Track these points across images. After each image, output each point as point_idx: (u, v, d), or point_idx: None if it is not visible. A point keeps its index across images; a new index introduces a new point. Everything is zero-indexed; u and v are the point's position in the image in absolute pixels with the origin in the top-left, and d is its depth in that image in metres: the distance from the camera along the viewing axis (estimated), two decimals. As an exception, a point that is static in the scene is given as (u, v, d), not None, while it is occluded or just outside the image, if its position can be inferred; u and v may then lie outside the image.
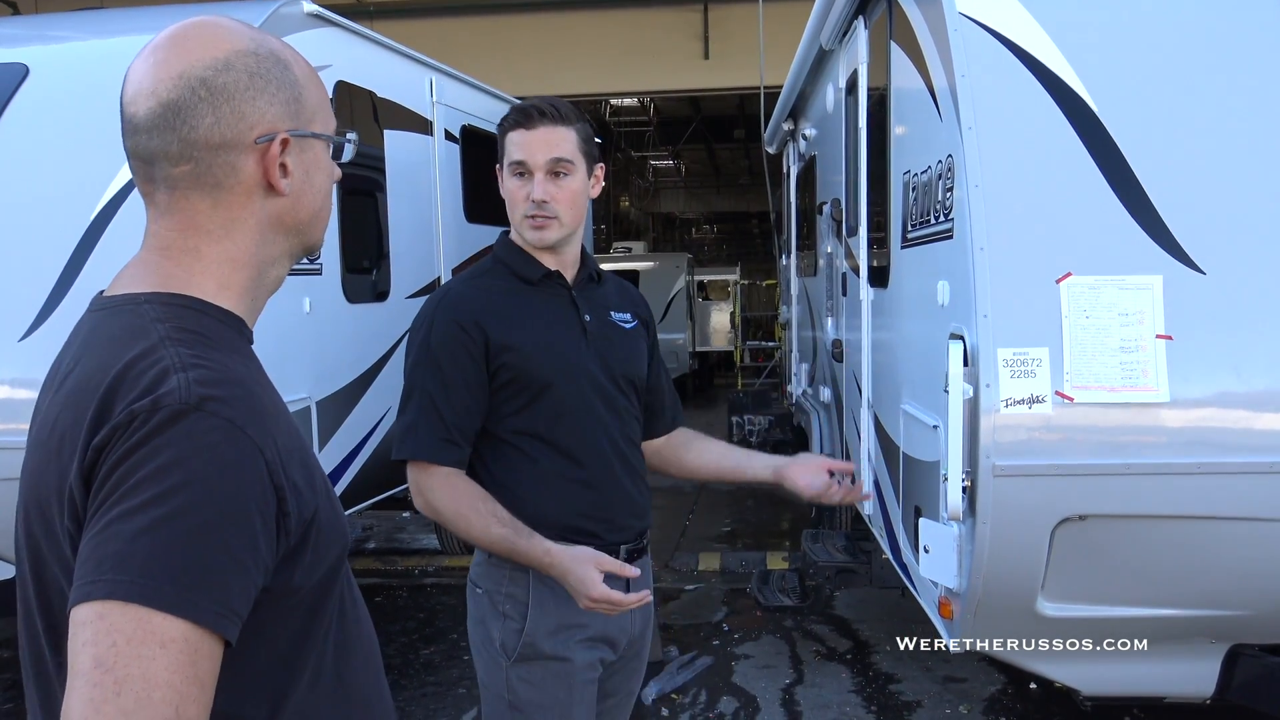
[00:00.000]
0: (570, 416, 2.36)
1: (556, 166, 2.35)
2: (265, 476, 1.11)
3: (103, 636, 1.00)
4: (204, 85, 1.20)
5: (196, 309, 1.22)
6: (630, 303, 2.59)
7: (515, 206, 2.39)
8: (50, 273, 4.05)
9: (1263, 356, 2.85)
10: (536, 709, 2.35)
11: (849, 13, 4.81)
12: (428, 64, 6.42)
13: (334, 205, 1.41)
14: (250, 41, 1.24)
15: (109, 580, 1.01)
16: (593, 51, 13.28)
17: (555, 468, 2.35)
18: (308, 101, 1.28)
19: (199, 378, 1.11)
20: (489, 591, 2.41)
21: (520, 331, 2.35)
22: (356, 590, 1.37)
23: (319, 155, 1.31)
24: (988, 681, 5.03)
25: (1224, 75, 3.08)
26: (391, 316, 5.86)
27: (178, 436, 1.06)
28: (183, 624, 1.02)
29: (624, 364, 2.46)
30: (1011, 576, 2.94)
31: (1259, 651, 3.27)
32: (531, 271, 2.42)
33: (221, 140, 1.21)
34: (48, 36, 5.12)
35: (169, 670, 1.00)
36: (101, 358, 1.16)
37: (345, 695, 1.30)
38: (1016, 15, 3.06)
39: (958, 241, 3.03)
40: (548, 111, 2.36)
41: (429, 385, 2.32)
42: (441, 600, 6.59)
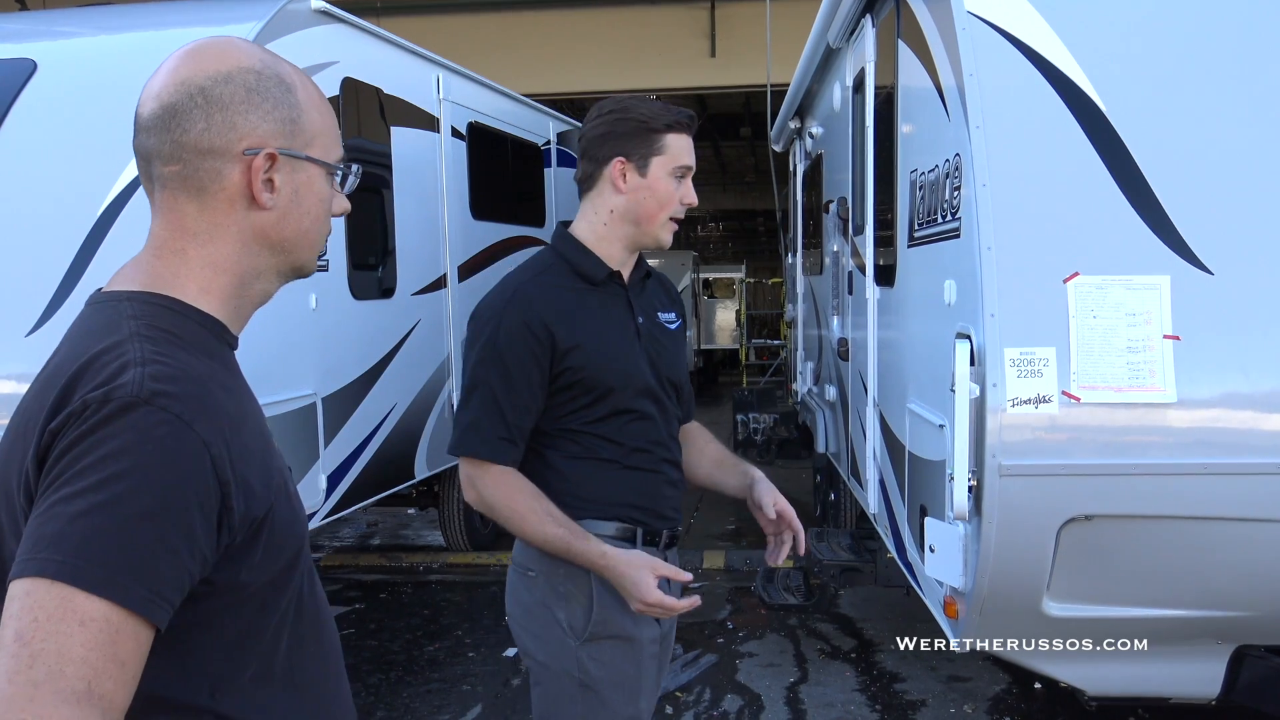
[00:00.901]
0: (626, 417, 2.40)
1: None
2: (210, 472, 1.15)
3: (26, 611, 1.05)
4: (202, 93, 1.27)
5: (174, 310, 1.28)
6: (674, 300, 2.62)
7: (665, 208, 2.39)
8: (57, 268, 4.06)
9: (1270, 357, 2.85)
10: (609, 686, 2.39)
11: (856, 11, 4.80)
12: (435, 61, 6.43)
13: (332, 230, 1.42)
14: (258, 62, 1.31)
15: (42, 559, 1.07)
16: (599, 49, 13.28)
17: (609, 457, 2.39)
18: (306, 126, 1.33)
19: (154, 373, 1.16)
20: (545, 574, 2.39)
21: (585, 335, 2.36)
22: (319, 590, 1.41)
23: (312, 178, 1.35)
24: (992, 681, 5.02)
25: (1232, 75, 3.08)
26: (397, 313, 5.87)
27: (125, 427, 1.11)
28: (105, 604, 1.06)
29: (669, 366, 2.49)
30: (1017, 576, 2.93)
31: (1265, 652, 3.26)
32: (597, 271, 2.42)
33: (210, 146, 1.27)
34: (55, 32, 5.13)
35: (85, 647, 1.05)
36: (73, 349, 1.23)
37: (296, 691, 1.33)
38: (1025, 14, 3.06)
39: (965, 241, 3.02)
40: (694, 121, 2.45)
41: (493, 383, 2.33)
42: (446, 597, 6.60)
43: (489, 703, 4.94)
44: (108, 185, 4.18)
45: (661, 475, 2.47)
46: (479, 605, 6.41)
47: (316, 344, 4.92)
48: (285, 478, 1.33)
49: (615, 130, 2.39)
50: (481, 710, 4.86)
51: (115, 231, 4.10)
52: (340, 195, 1.42)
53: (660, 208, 2.39)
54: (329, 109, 1.40)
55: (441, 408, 6.39)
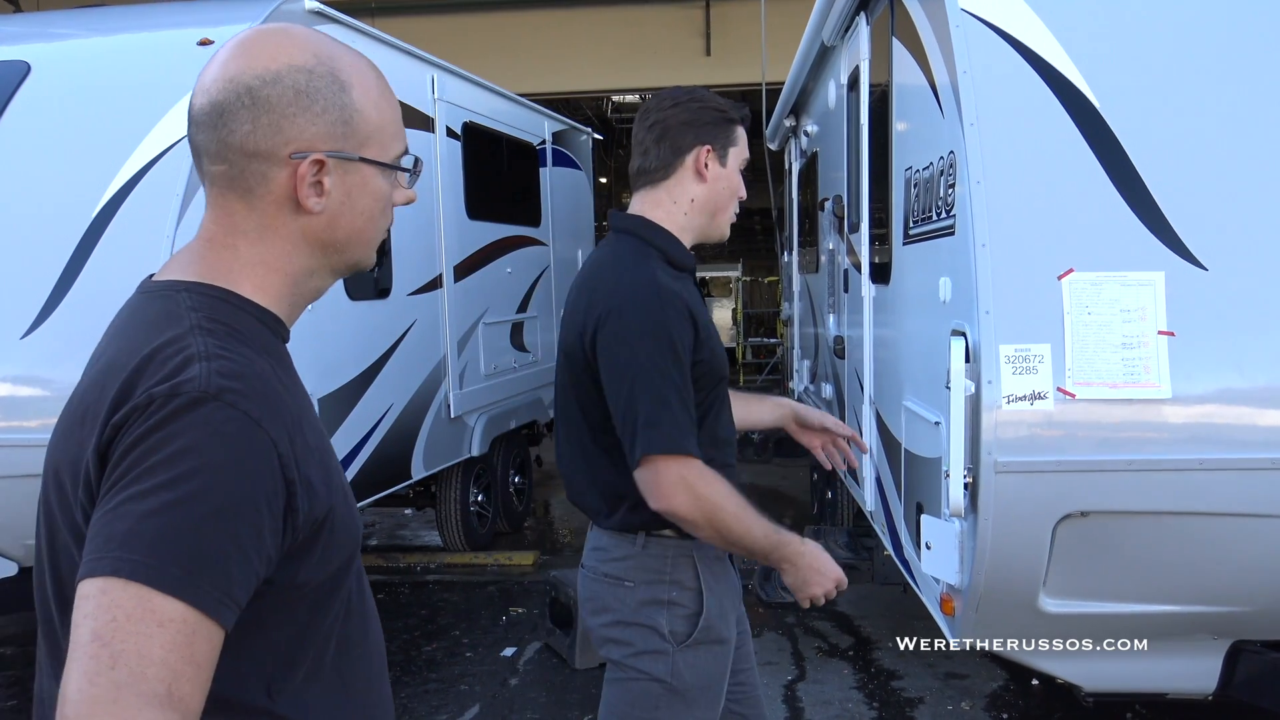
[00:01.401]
0: (722, 406, 2.44)
1: None
2: (277, 470, 1.14)
3: (103, 611, 1.03)
4: (249, 93, 1.23)
5: (233, 303, 1.26)
6: None
7: (732, 201, 2.43)
8: (52, 270, 4.06)
9: (1264, 352, 2.85)
10: (699, 690, 2.39)
11: (851, 9, 4.80)
12: (429, 61, 6.43)
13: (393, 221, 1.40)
14: (312, 58, 1.26)
15: (115, 557, 1.04)
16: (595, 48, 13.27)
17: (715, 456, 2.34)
18: (360, 126, 1.28)
19: (220, 368, 1.14)
20: (646, 584, 2.36)
21: (707, 325, 2.34)
22: (368, 591, 1.39)
23: (366, 178, 1.31)
24: (989, 678, 5.03)
25: (1226, 70, 3.08)
26: (393, 313, 5.87)
27: (193, 424, 1.09)
28: (182, 606, 1.04)
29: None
30: (1013, 573, 2.94)
31: (1261, 648, 3.27)
32: (688, 260, 2.43)
33: (255, 149, 1.24)
34: (49, 34, 5.13)
35: (165, 649, 1.03)
36: (133, 340, 1.20)
37: (345, 691, 1.32)
38: (1018, 11, 3.06)
39: (960, 238, 3.03)
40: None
41: (674, 376, 2.22)
42: (443, 597, 6.60)
43: (486, 703, 4.94)
44: (102, 187, 4.18)
45: (732, 470, 2.47)
46: (476, 605, 6.41)
47: (312, 344, 4.91)
48: (343, 477, 1.31)
49: (700, 119, 2.36)
50: (479, 710, 4.87)
51: (110, 233, 4.09)
52: (403, 188, 1.37)
53: (732, 198, 2.43)
54: (389, 102, 1.34)
55: (438, 408, 6.39)
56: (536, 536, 8.19)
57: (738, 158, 2.42)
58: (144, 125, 4.27)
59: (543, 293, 8.21)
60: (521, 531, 8.18)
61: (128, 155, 4.21)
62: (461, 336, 6.71)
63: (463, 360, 6.72)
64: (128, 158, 4.20)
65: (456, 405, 6.57)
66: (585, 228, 9.65)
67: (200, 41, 4.45)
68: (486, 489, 7.53)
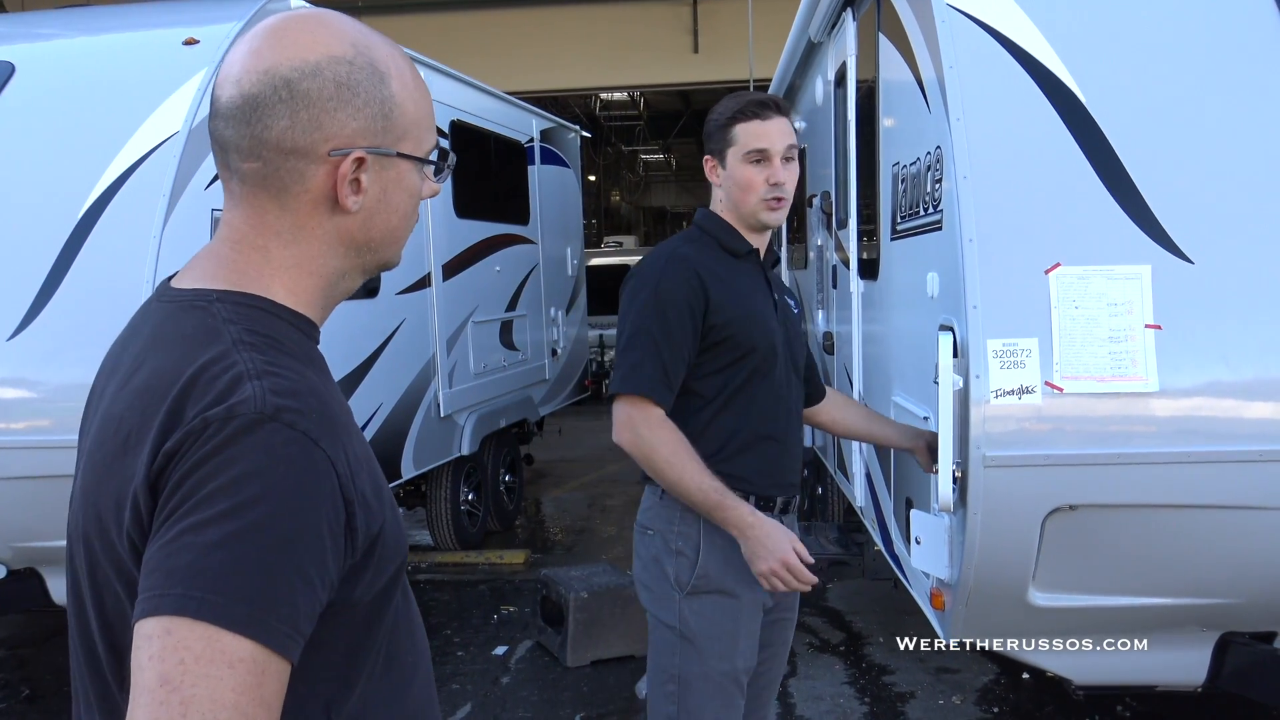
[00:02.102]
0: (764, 381, 2.59)
1: (789, 153, 2.60)
2: (337, 491, 1.08)
3: (170, 653, 0.97)
4: (287, 86, 1.15)
5: (269, 311, 1.19)
6: (790, 290, 2.90)
7: (752, 191, 2.59)
8: (38, 272, 4.04)
9: (1251, 345, 2.86)
10: (706, 639, 2.56)
11: (837, 5, 4.81)
12: (416, 59, 6.41)
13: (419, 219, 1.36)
14: (350, 48, 1.19)
15: (179, 595, 0.98)
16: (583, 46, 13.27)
17: (738, 424, 2.57)
18: (399, 119, 1.22)
19: (274, 386, 1.08)
20: (661, 532, 2.60)
21: (734, 296, 2.56)
22: (413, 601, 1.34)
23: (402, 174, 1.24)
24: (980, 672, 5.04)
25: (1212, 65, 3.09)
26: (381, 313, 5.86)
27: (253, 447, 1.03)
28: (251, 645, 0.99)
29: (798, 343, 2.75)
30: (1003, 567, 2.94)
31: (1249, 639, 3.28)
32: (739, 245, 2.65)
33: (293, 146, 1.16)
34: (34, 34, 5.10)
35: (236, 692, 0.97)
36: (173, 357, 1.13)
37: (395, 699, 1.27)
38: (1003, 7, 3.06)
39: (947, 233, 3.03)
40: (780, 104, 2.62)
41: (654, 329, 2.49)
42: (434, 596, 6.59)
43: (478, 701, 4.94)
44: (88, 188, 4.16)
45: (783, 445, 2.65)
46: (467, 604, 6.41)
47: (301, 344, 4.90)
48: (386, 484, 1.25)
49: (706, 130, 2.69)
50: (471, 709, 4.86)
51: (96, 234, 4.08)
52: (430, 181, 1.30)
53: (744, 192, 2.60)
54: (424, 94, 1.27)
55: (428, 407, 6.38)
56: (527, 535, 8.18)
57: (738, 155, 2.60)
58: (130, 125, 4.25)
59: (532, 291, 8.20)
60: (512, 530, 8.18)
61: (113, 156, 4.19)
62: (450, 335, 6.70)
63: (452, 359, 6.71)
64: (113, 158, 4.18)
65: (446, 404, 6.56)
66: (574, 226, 9.65)
67: (185, 41, 4.44)
68: (477, 488, 7.52)
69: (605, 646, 5.23)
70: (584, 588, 5.25)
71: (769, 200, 2.60)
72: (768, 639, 2.75)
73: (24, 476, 3.87)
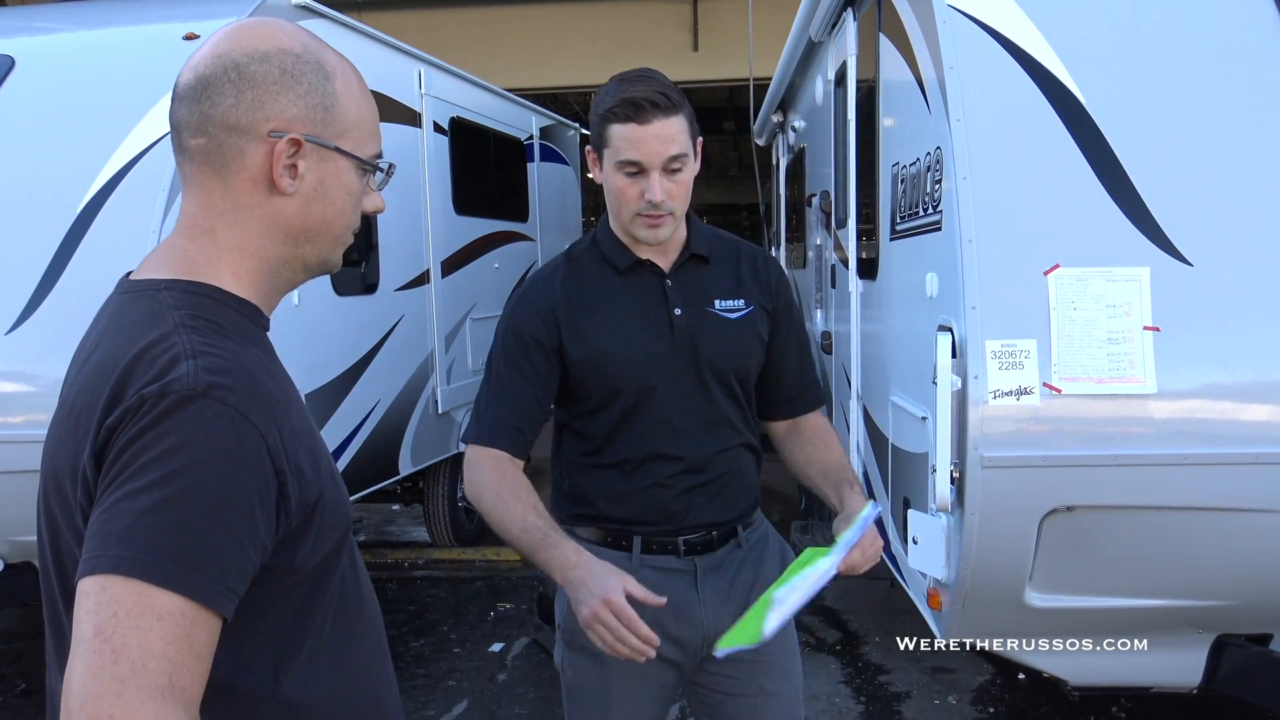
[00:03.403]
0: (646, 415, 2.24)
1: (675, 164, 2.14)
2: (267, 462, 1.17)
3: (104, 607, 1.06)
4: (236, 68, 1.26)
5: (214, 298, 1.28)
6: (746, 284, 2.34)
7: (625, 204, 2.18)
8: (37, 266, 4.04)
9: (1249, 348, 2.86)
10: (580, 692, 2.33)
11: (838, 5, 4.81)
12: (416, 56, 6.41)
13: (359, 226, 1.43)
14: (300, 45, 1.30)
15: (113, 555, 1.08)
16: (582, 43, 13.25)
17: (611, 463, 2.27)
18: (340, 115, 1.31)
19: (207, 365, 1.17)
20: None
21: (597, 331, 2.23)
22: (362, 569, 1.43)
23: (340, 170, 1.33)
24: (976, 672, 5.05)
25: (1211, 67, 3.09)
26: (380, 309, 5.85)
27: (184, 421, 1.12)
28: (180, 599, 1.08)
29: (720, 358, 2.26)
30: (999, 567, 2.95)
31: (1245, 641, 3.29)
32: (620, 259, 2.27)
33: (236, 123, 1.26)
34: (34, 28, 5.10)
35: (165, 641, 1.06)
36: (120, 342, 1.23)
37: (346, 668, 1.35)
38: (1004, 7, 3.07)
39: (946, 233, 3.03)
40: (659, 102, 2.10)
41: (500, 371, 2.25)
42: (431, 593, 6.59)
43: (474, 698, 4.94)
44: (87, 182, 4.16)
45: (675, 487, 2.26)
46: (464, 601, 6.41)
47: (299, 340, 4.90)
48: (330, 459, 1.35)
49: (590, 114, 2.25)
50: (467, 706, 4.86)
51: (95, 229, 4.07)
52: (374, 193, 1.40)
53: (618, 203, 2.20)
54: (369, 102, 1.37)
55: (426, 403, 6.38)
56: (524, 532, 8.17)
57: (610, 160, 2.17)
58: (129, 120, 4.24)
59: (530, 288, 8.18)
60: (509, 527, 8.16)
61: (113, 150, 4.19)
62: (449, 332, 6.69)
63: (450, 355, 6.71)
64: (113, 153, 4.18)
65: (444, 401, 6.56)
66: (573, 223, 9.65)
67: (186, 36, 4.43)
68: (474, 484, 7.51)
69: (601, 644, 5.22)
70: (581, 585, 5.24)
71: (645, 216, 2.17)
72: (737, 687, 2.33)
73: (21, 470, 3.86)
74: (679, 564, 2.30)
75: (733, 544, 2.36)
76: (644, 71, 2.18)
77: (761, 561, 2.41)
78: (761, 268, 2.39)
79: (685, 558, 2.30)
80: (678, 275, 2.28)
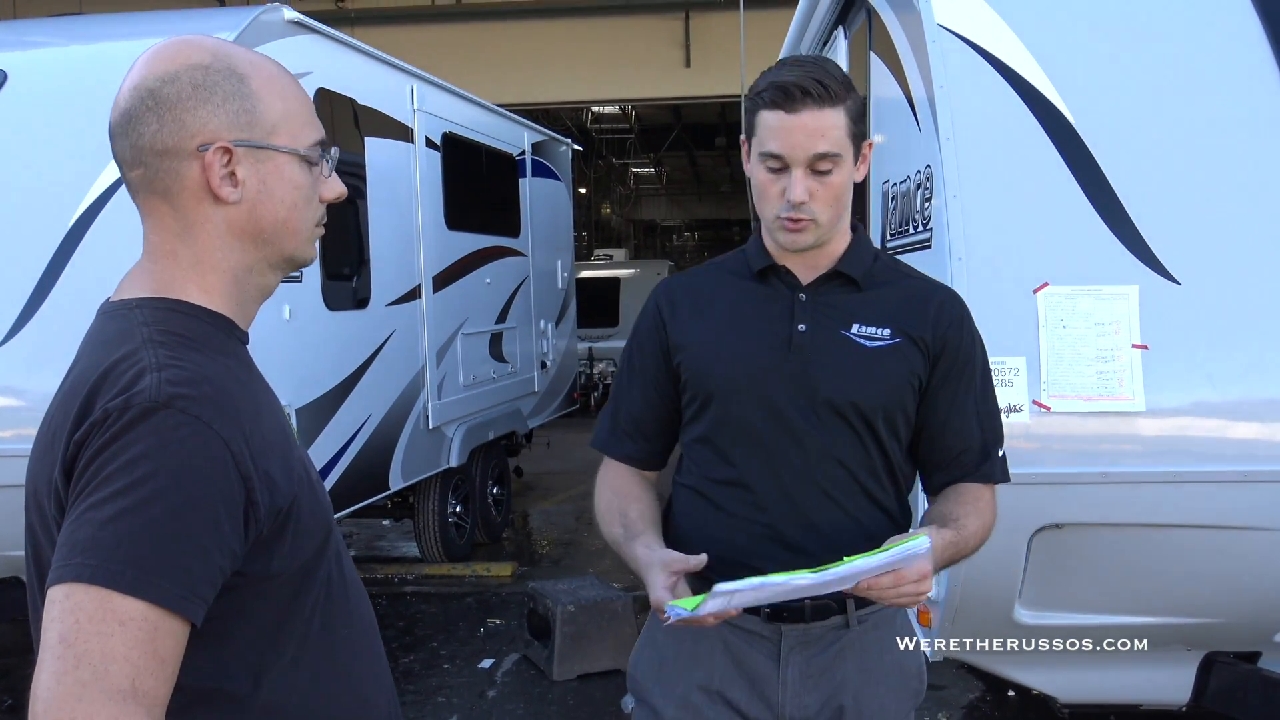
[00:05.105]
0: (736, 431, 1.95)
1: (820, 163, 1.86)
2: (232, 469, 1.18)
3: (67, 615, 1.09)
4: (151, 95, 1.28)
5: (184, 312, 1.30)
6: (900, 316, 1.97)
7: (767, 202, 1.92)
8: (28, 279, 4.04)
9: (1237, 366, 2.88)
10: None
11: (829, 23, 4.83)
12: (409, 71, 6.42)
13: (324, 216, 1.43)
14: (208, 56, 1.30)
15: (76, 564, 1.10)
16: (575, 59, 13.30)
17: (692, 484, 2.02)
18: (264, 114, 1.31)
19: (170, 377, 1.19)
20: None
21: (701, 328, 1.99)
22: (352, 576, 1.44)
23: (280, 166, 1.33)
24: (966, 689, 5.04)
25: (1199, 88, 3.11)
26: (372, 324, 5.85)
27: (146, 432, 1.15)
28: (142, 604, 1.10)
29: (839, 388, 1.91)
30: (989, 584, 2.95)
31: (1233, 659, 3.29)
32: (756, 262, 2.01)
33: (164, 147, 1.28)
34: (26, 42, 5.10)
35: (126, 646, 1.08)
36: (92, 360, 1.25)
37: (332, 674, 1.36)
38: (994, 27, 3.09)
39: (936, 251, 3.05)
40: (814, 91, 1.83)
41: (621, 371, 2.12)
42: (421, 608, 6.57)
43: (464, 714, 4.93)
44: (80, 195, 4.16)
45: (753, 525, 1.92)
46: (454, 617, 6.39)
47: (290, 355, 4.90)
48: (306, 467, 1.36)
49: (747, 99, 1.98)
50: (457, 722, 4.85)
51: (88, 241, 4.08)
52: (328, 180, 1.40)
53: (759, 200, 1.95)
54: (295, 92, 1.37)
55: (417, 419, 6.37)
56: (515, 548, 8.16)
57: (755, 151, 1.93)
58: (121, 134, 4.25)
59: (522, 303, 8.20)
60: (500, 543, 8.16)
61: (105, 165, 4.19)
62: (440, 347, 6.69)
63: (441, 371, 6.71)
64: (105, 168, 4.18)
65: (435, 416, 6.56)
66: (564, 239, 9.66)
67: (178, 51, 4.44)
68: (465, 500, 7.50)
69: (592, 660, 5.22)
70: (571, 601, 5.24)
71: (784, 219, 1.89)
72: None
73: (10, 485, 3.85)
74: (761, 627, 1.93)
75: (837, 620, 1.97)
76: (808, 57, 1.93)
77: (870, 655, 2.01)
78: (935, 304, 2.00)
79: (771, 622, 1.94)
80: (815, 291, 1.97)
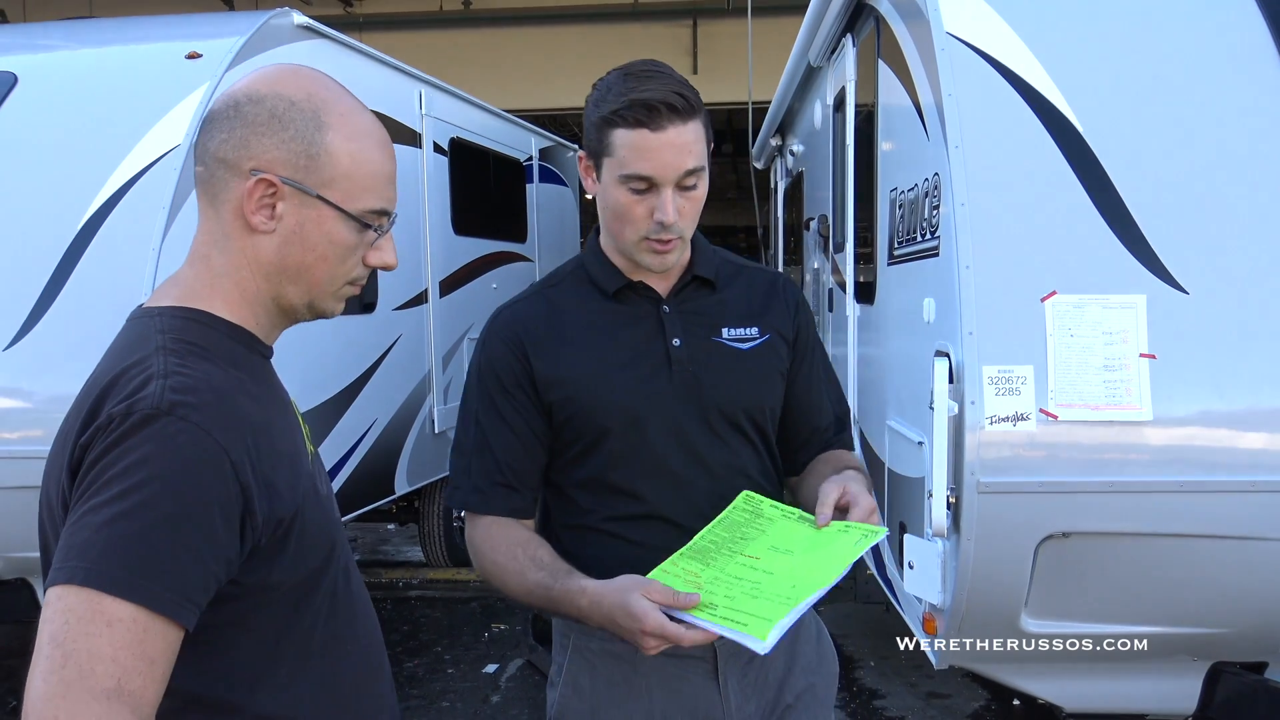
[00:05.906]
0: (630, 478, 1.86)
1: (688, 179, 1.78)
2: (230, 476, 1.21)
3: (58, 615, 1.12)
4: (235, 107, 1.33)
5: (202, 322, 1.33)
6: (760, 309, 1.96)
7: (631, 224, 1.80)
8: (36, 283, 4.04)
9: (1244, 375, 2.87)
10: None
11: (837, 30, 4.84)
12: (417, 76, 6.43)
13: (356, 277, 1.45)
14: (303, 94, 1.34)
15: (70, 566, 1.13)
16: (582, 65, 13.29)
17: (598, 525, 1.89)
18: (326, 165, 1.33)
19: (175, 385, 1.21)
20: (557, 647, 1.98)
21: (576, 362, 1.86)
22: (359, 590, 1.46)
23: (324, 217, 1.34)
24: (971, 698, 5.03)
25: (1208, 96, 3.11)
26: (378, 328, 5.86)
27: (146, 438, 1.17)
28: (131, 606, 1.12)
29: (728, 398, 1.88)
30: (995, 593, 2.95)
31: (1240, 669, 3.28)
32: (609, 281, 1.90)
33: (224, 157, 1.32)
34: (36, 45, 5.11)
35: (114, 647, 1.11)
36: (108, 364, 1.29)
37: (331, 689, 1.37)
38: (1003, 35, 3.09)
39: (944, 259, 3.05)
40: (677, 105, 1.73)
41: (480, 417, 1.90)
42: (425, 613, 6.57)
43: (468, 719, 4.92)
44: (88, 199, 4.16)
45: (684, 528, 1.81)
46: (459, 621, 6.39)
47: (296, 359, 4.90)
48: (315, 481, 1.38)
49: (585, 113, 1.87)
50: (460, 727, 4.85)
51: (95, 246, 4.07)
52: (381, 248, 1.41)
53: (619, 223, 1.83)
54: (374, 156, 1.37)
55: (422, 423, 6.38)
56: (519, 553, 8.15)
57: (612, 172, 1.79)
58: (131, 138, 4.25)
59: (528, 309, 8.19)
60: (504, 548, 8.15)
61: (114, 168, 4.20)
62: (446, 352, 6.70)
63: (447, 375, 6.71)
64: (114, 170, 4.19)
65: (441, 420, 6.56)
66: (571, 244, 9.67)
67: (188, 55, 4.45)
68: (470, 505, 7.50)
69: (596, 666, 5.20)
70: (576, 607, 5.22)
71: (653, 241, 1.80)
72: None
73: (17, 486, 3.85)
74: (694, 649, 1.77)
75: None
76: (652, 65, 1.81)
77: (796, 643, 1.98)
78: (781, 291, 2.01)
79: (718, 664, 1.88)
80: (677, 301, 1.91)
